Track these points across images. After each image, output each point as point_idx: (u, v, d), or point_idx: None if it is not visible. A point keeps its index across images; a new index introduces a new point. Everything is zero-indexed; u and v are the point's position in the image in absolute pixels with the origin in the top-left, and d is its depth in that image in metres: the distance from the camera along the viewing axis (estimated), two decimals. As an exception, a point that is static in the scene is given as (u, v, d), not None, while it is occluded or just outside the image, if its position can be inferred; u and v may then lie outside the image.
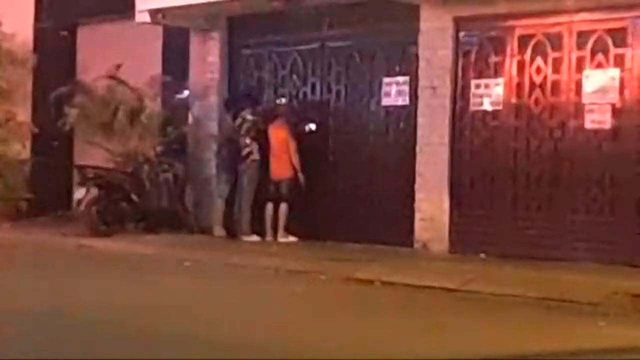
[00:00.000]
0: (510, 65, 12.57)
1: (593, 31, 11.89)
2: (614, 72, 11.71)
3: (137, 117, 15.79)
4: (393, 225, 13.46)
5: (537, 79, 12.34)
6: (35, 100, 17.73)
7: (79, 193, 15.37)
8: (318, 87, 14.67)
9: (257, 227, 14.26)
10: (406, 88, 13.59)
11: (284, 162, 14.14)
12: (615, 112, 11.70)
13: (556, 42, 12.17)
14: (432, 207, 13.05)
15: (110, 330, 7.61)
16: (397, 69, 13.76)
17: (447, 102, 12.99)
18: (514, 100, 12.53)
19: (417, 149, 13.26)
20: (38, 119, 17.41)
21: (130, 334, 7.50)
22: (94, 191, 14.95)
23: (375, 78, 13.99)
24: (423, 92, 13.23)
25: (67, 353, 6.76)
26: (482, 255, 12.26)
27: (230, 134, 14.76)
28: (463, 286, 10.20)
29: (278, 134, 14.27)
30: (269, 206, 14.17)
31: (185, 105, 16.03)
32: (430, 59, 13.13)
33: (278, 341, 7.35)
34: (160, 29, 16.21)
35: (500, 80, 12.64)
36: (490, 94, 12.70)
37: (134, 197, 15.17)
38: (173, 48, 16.41)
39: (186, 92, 16.03)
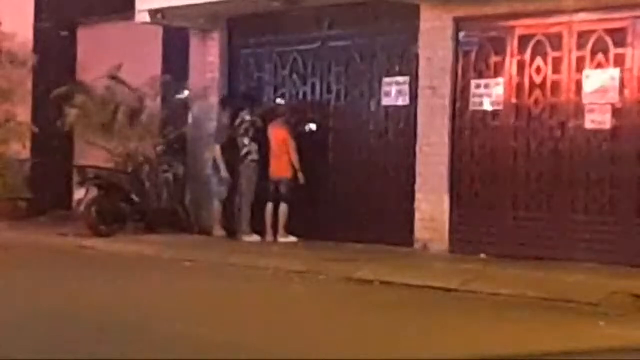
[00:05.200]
0: (510, 65, 12.57)
1: (593, 31, 11.88)
2: (614, 72, 11.70)
3: (137, 117, 15.80)
4: (393, 225, 13.46)
5: (537, 79, 12.34)
6: (35, 100, 17.73)
7: (79, 193, 15.38)
8: (318, 87, 14.66)
9: (257, 227, 14.26)
10: (406, 88, 13.58)
11: (283, 162, 14.13)
12: (615, 112, 11.70)
13: (556, 42, 12.16)
14: (432, 207, 13.04)
15: (110, 331, 7.61)
16: (397, 69, 13.76)
17: (447, 102, 12.98)
18: (514, 100, 12.53)
19: (417, 148, 13.26)
20: (38, 119, 17.42)
21: (130, 334, 7.50)
22: (94, 191, 14.96)
23: (375, 78, 13.98)
24: (423, 92, 13.23)
25: (68, 353, 6.76)
26: (482, 255, 12.26)
27: (228, 133, 14.76)
28: (463, 286, 10.21)
29: (278, 134, 14.27)
30: (269, 206, 14.17)
31: (185, 105, 16.03)
32: (430, 59, 13.13)
33: (278, 341, 7.35)
34: (160, 29, 16.23)
35: (500, 80, 12.63)
36: (490, 94, 12.70)
37: (134, 197, 15.18)
38: (173, 48, 16.41)
39: (186, 92, 16.04)
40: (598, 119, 11.79)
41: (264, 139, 14.36)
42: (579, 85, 11.96)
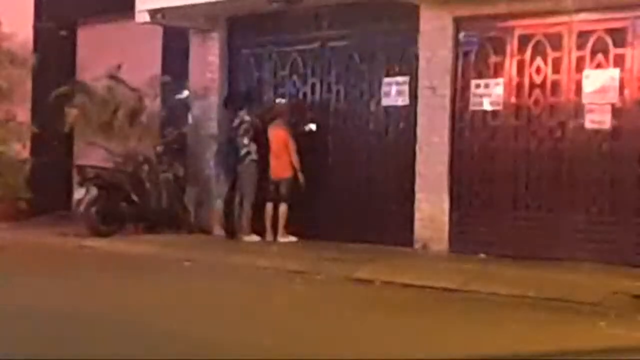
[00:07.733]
0: (510, 65, 12.57)
1: (593, 31, 11.89)
2: (614, 72, 11.71)
3: (137, 117, 15.81)
4: (393, 225, 13.46)
5: (537, 79, 12.34)
6: (35, 100, 17.73)
7: (78, 193, 15.38)
8: (318, 87, 14.66)
9: (257, 227, 14.26)
10: (406, 88, 13.58)
11: (283, 162, 14.13)
12: (615, 112, 11.70)
13: (556, 42, 12.16)
14: (432, 207, 13.04)
15: (111, 330, 7.62)
16: (397, 69, 13.76)
17: (447, 102, 12.98)
18: (514, 100, 12.53)
19: (417, 149, 13.26)
20: (38, 119, 17.42)
21: (130, 333, 7.51)
22: (94, 191, 14.96)
23: (375, 78, 13.98)
24: (423, 92, 13.23)
25: (68, 353, 6.76)
26: (482, 255, 12.26)
27: (229, 133, 14.77)
28: (463, 286, 10.21)
29: (277, 134, 14.26)
30: (269, 206, 14.17)
31: (185, 105, 16.04)
32: (430, 59, 13.13)
33: (278, 341, 7.35)
34: (160, 29, 16.23)
35: (500, 80, 12.63)
36: (490, 94, 12.70)
37: (134, 197, 15.17)
38: (173, 48, 16.42)
39: (186, 92, 16.04)
40: (598, 119, 11.79)
41: (264, 139, 14.36)
42: (579, 85, 11.96)
